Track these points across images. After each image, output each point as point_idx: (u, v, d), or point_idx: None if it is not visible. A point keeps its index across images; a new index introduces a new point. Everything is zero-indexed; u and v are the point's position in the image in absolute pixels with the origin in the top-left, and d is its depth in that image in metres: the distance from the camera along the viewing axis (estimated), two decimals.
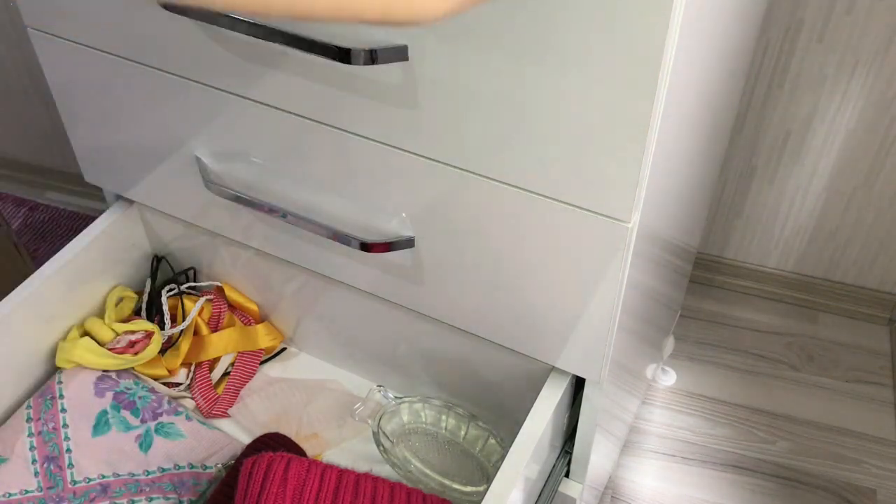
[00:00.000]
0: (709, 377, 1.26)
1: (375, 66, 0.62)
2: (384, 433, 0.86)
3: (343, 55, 0.60)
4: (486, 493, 0.70)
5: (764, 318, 1.34)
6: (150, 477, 0.87)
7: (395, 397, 0.89)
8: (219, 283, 1.00)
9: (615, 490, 1.11)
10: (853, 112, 1.12)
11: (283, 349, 1.03)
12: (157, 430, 0.90)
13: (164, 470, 0.87)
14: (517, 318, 0.74)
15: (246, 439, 0.92)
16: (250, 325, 1.00)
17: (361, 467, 0.90)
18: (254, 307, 1.00)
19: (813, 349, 1.29)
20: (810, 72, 1.10)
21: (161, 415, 0.91)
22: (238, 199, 0.80)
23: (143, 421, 0.89)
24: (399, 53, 0.60)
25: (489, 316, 0.75)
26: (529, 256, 0.68)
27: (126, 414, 0.89)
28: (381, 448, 0.87)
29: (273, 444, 0.87)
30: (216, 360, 0.99)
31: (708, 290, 1.38)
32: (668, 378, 1.25)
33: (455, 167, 0.66)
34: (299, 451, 0.88)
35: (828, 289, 1.32)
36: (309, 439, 0.93)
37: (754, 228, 1.30)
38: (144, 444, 0.88)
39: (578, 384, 0.81)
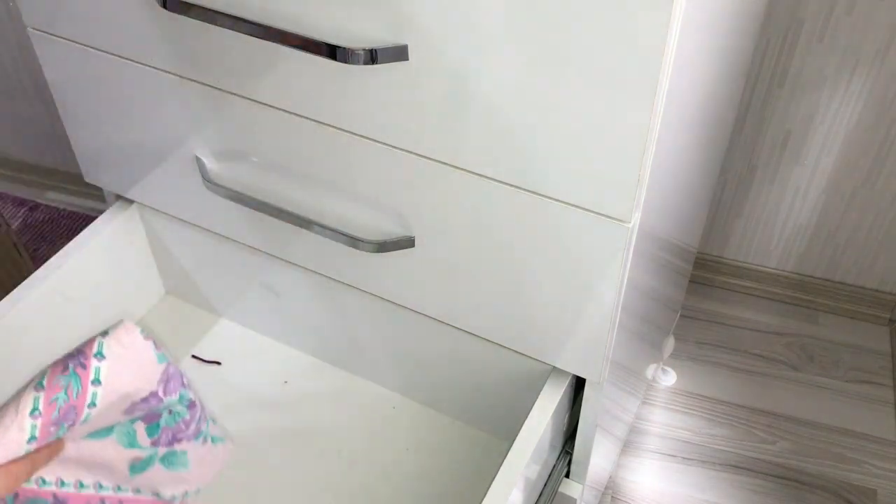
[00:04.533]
0: (709, 377, 1.25)
1: (375, 66, 0.62)
2: None
3: (343, 55, 0.60)
4: (486, 492, 0.70)
5: (764, 318, 1.34)
6: (118, 494, 0.71)
7: None
8: None
9: (615, 490, 1.11)
10: (853, 112, 1.12)
11: None
12: (162, 459, 0.72)
13: (138, 491, 0.72)
14: (517, 318, 0.74)
15: None
16: None
17: (366, 470, 0.90)
18: None
19: (813, 349, 1.29)
20: (810, 72, 1.10)
21: (181, 440, 0.72)
22: (238, 199, 0.80)
23: (153, 444, 0.70)
24: (399, 53, 0.60)
25: (489, 316, 0.75)
26: (529, 256, 0.68)
27: (139, 427, 0.69)
28: None
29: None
30: None
31: (708, 290, 1.38)
32: (668, 378, 1.25)
33: (455, 167, 0.66)
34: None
35: (828, 289, 1.32)
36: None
37: (754, 228, 1.30)
38: (137, 468, 0.71)
39: (578, 384, 0.81)
